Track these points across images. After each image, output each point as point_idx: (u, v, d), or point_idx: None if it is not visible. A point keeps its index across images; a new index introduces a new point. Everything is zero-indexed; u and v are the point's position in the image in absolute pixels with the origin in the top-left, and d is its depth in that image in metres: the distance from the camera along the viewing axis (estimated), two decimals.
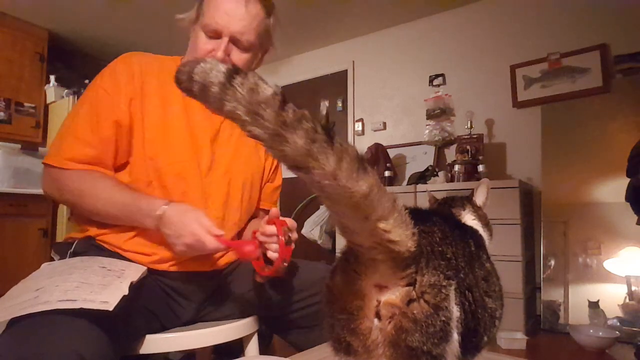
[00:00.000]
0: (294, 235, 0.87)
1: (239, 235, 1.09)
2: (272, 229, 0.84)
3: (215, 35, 0.92)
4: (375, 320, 0.39)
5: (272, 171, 1.15)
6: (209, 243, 0.79)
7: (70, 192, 0.87)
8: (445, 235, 0.44)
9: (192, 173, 0.93)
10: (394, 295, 0.38)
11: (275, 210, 0.86)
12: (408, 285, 0.38)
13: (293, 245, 0.87)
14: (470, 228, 0.55)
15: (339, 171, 0.30)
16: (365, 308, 0.39)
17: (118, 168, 0.92)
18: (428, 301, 0.38)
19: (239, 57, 0.95)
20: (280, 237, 0.82)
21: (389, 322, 0.38)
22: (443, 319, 0.38)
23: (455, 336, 0.40)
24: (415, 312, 0.37)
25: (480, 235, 0.56)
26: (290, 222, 0.86)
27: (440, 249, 0.41)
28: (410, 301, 0.38)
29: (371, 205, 0.33)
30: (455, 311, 0.40)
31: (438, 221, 0.46)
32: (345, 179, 0.31)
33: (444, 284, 0.39)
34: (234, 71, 0.31)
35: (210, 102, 0.32)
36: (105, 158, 0.89)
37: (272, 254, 0.85)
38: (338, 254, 0.45)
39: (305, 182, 0.32)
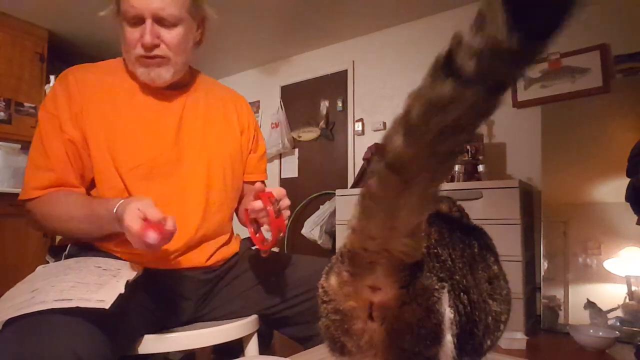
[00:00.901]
0: (285, 203, 0.85)
1: (236, 213, 1.10)
2: (259, 204, 0.83)
3: (138, 20, 0.89)
4: (369, 322, 0.39)
5: (252, 141, 1.14)
6: (133, 228, 0.69)
7: (47, 218, 0.87)
8: (442, 237, 0.44)
9: (159, 171, 0.92)
10: (387, 297, 0.38)
11: (259, 185, 0.85)
12: (402, 287, 0.38)
13: (287, 213, 0.85)
14: (478, 230, 0.54)
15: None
16: (358, 309, 0.39)
17: (92, 184, 0.92)
18: (421, 304, 0.38)
19: (170, 35, 0.91)
20: (269, 208, 0.81)
21: (382, 324, 0.38)
22: (435, 321, 0.38)
23: (449, 338, 0.40)
24: (407, 314, 0.37)
25: (489, 238, 0.55)
26: (276, 191, 0.85)
27: (435, 250, 0.41)
28: (403, 303, 0.38)
29: (406, 217, 0.33)
30: (448, 313, 0.40)
31: (436, 222, 0.46)
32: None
33: (437, 287, 0.39)
34: None
35: None
36: (68, 177, 0.88)
37: (266, 228, 0.85)
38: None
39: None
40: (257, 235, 0.89)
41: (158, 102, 0.98)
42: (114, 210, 0.76)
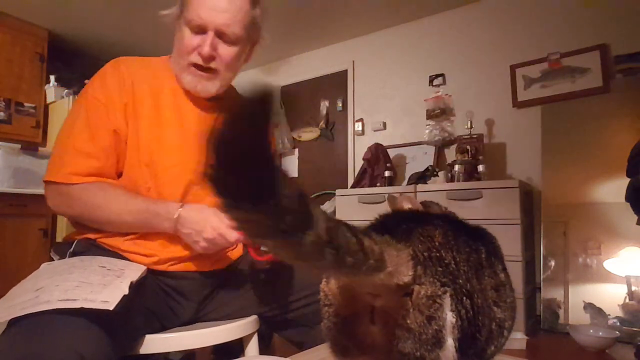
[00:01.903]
0: None
1: None
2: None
3: (200, 30, 0.90)
4: (370, 325, 0.39)
5: None
6: (230, 235, 0.82)
7: (82, 205, 0.86)
8: (447, 240, 0.43)
9: (187, 177, 0.92)
10: (388, 303, 0.38)
11: None
12: (402, 294, 0.38)
13: None
14: (487, 235, 0.53)
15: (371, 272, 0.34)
16: (360, 314, 0.39)
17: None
18: (422, 312, 0.38)
19: (226, 51, 0.93)
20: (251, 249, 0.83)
21: (383, 328, 0.38)
22: (436, 327, 0.38)
23: (450, 342, 0.39)
24: (409, 322, 0.37)
25: (497, 245, 0.54)
26: None
27: (438, 254, 0.41)
28: (404, 311, 0.38)
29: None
30: (450, 317, 0.39)
31: (440, 224, 0.45)
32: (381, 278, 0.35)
33: (440, 292, 0.39)
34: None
35: None
36: (109, 168, 0.89)
37: None
38: None
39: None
40: (254, 245, 0.89)
41: (196, 109, 0.98)
42: (175, 215, 0.84)
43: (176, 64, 0.95)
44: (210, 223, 0.82)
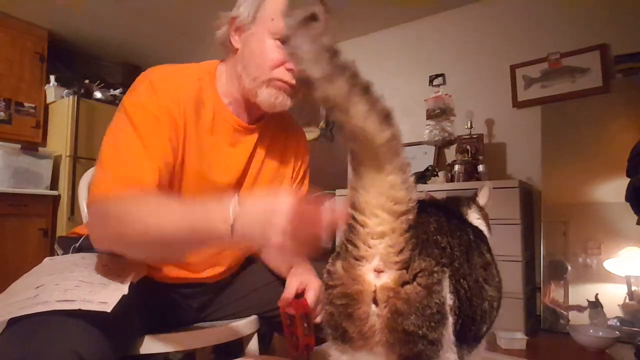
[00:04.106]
0: (316, 318, 0.81)
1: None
2: (291, 311, 0.80)
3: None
4: (373, 306, 0.40)
5: (299, 179, 1.09)
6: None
7: (115, 221, 0.69)
8: (441, 226, 0.45)
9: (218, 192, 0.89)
10: (389, 278, 0.39)
11: (289, 293, 0.83)
12: (402, 269, 0.39)
13: (318, 319, 0.80)
14: (469, 222, 0.56)
15: (369, 116, 0.36)
16: (363, 293, 0.40)
17: None
18: (420, 283, 0.39)
19: None
20: (298, 326, 0.78)
21: (385, 307, 0.39)
22: (437, 301, 0.39)
23: (451, 321, 0.40)
24: (408, 292, 0.39)
25: (479, 229, 0.57)
26: (311, 300, 0.81)
27: (435, 238, 0.42)
28: (404, 283, 0.39)
29: (387, 157, 0.37)
30: (449, 298, 0.41)
31: (434, 212, 0.47)
32: (374, 123, 0.36)
33: (436, 269, 0.40)
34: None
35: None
36: (164, 182, 0.79)
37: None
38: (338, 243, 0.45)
39: (340, 125, 0.38)
40: (292, 337, 0.82)
41: (239, 127, 0.92)
42: (230, 212, 0.59)
43: (251, 78, 0.85)
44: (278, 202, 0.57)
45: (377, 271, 0.40)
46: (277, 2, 0.83)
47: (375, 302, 0.40)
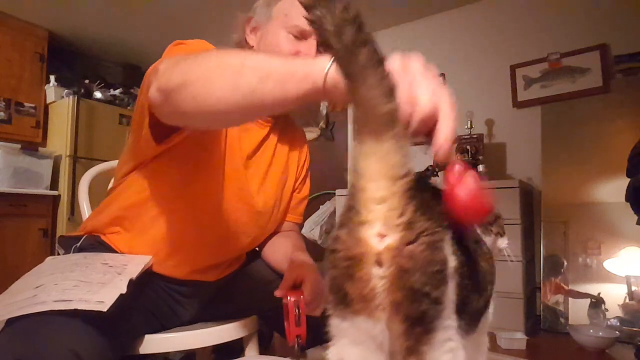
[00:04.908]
0: (315, 311, 0.81)
1: (261, 246, 1.08)
2: (285, 301, 0.80)
3: (302, 36, 0.89)
4: (376, 268, 0.41)
5: (300, 181, 1.13)
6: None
7: (195, 66, 0.59)
8: (435, 197, 0.46)
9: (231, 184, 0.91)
10: (393, 240, 0.40)
11: (286, 283, 0.83)
12: (405, 230, 0.41)
13: (317, 313, 0.81)
14: None
15: (378, 87, 0.39)
16: (366, 255, 0.41)
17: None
18: (424, 242, 0.40)
19: None
20: (290, 316, 0.78)
21: (391, 266, 0.40)
22: (440, 258, 0.40)
23: (452, 285, 0.42)
24: (412, 250, 0.40)
25: None
26: (307, 291, 0.80)
27: (433, 203, 0.44)
28: (408, 243, 0.40)
29: (388, 125, 0.40)
30: (452, 260, 0.42)
31: (427, 185, 0.50)
32: (380, 94, 0.39)
33: (437, 229, 0.42)
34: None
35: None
36: None
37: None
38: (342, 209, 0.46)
39: (350, 92, 0.41)
40: (286, 323, 0.82)
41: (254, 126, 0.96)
42: (325, 71, 0.49)
43: None
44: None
45: (380, 235, 0.41)
46: (296, 4, 0.86)
47: (378, 263, 0.41)
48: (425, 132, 0.47)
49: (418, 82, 0.45)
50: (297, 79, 0.50)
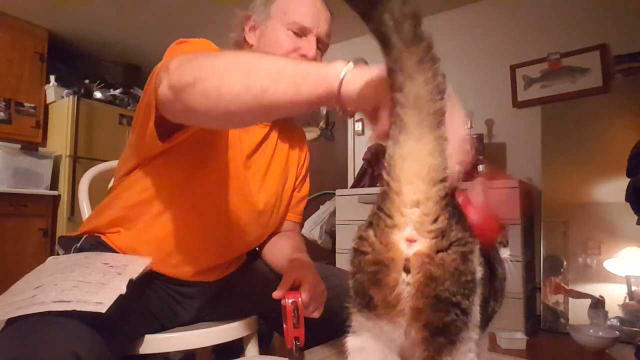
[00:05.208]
0: (313, 313, 0.81)
1: (261, 246, 1.08)
2: (284, 303, 0.80)
3: (302, 33, 0.89)
4: (403, 274, 0.39)
5: (300, 180, 1.13)
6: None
7: (203, 64, 0.59)
8: (457, 208, 0.45)
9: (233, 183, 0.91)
10: (423, 246, 0.39)
11: (284, 285, 0.82)
12: (437, 237, 0.39)
13: (316, 314, 0.81)
14: None
15: (429, 85, 0.40)
16: (395, 260, 0.40)
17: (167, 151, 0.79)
18: (456, 251, 0.39)
19: (319, 58, 0.93)
20: (287, 318, 0.77)
21: (419, 272, 0.39)
22: (471, 269, 0.40)
23: (479, 294, 0.41)
24: (443, 258, 0.39)
25: None
26: (305, 293, 0.79)
27: (463, 217, 0.43)
28: (438, 251, 0.39)
29: (432, 126, 0.39)
30: (479, 271, 0.41)
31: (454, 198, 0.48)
32: (431, 93, 0.40)
33: (470, 240, 0.40)
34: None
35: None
36: None
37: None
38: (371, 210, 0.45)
39: (399, 89, 0.41)
40: (285, 325, 0.80)
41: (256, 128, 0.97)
42: (341, 77, 0.50)
43: None
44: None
45: (409, 240, 0.40)
46: (295, 2, 0.89)
47: (406, 270, 0.39)
48: None
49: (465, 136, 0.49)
50: (310, 81, 0.50)
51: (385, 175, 0.42)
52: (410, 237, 0.40)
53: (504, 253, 0.62)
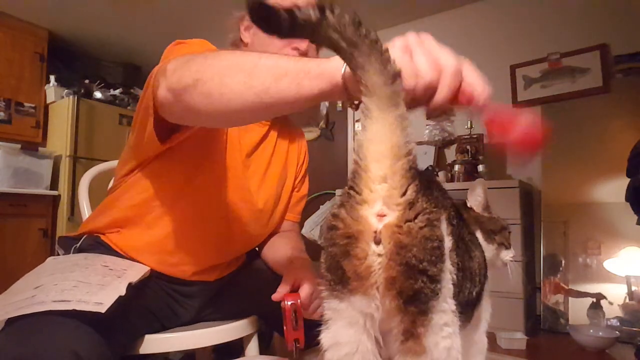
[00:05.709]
0: (313, 314, 0.81)
1: (260, 246, 1.08)
2: (283, 305, 0.80)
3: None
4: (373, 245, 0.41)
5: (300, 180, 1.14)
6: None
7: (203, 65, 0.58)
8: (429, 184, 0.47)
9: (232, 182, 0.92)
10: (393, 218, 0.42)
11: (284, 287, 0.82)
12: (405, 209, 0.42)
13: (316, 315, 0.81)
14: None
15: (381, 72, 0.42)
16: (364, 232, 0.42)
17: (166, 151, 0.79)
18: (422, 220, 0.42)
19: (313, 54, 0.94)
20: (287, 320, 0.77)
21: (389, 242, 0.41)
22: (437, 235, 0.42)
23: (449, 265, 0.43)
24: (411, 227, 0.41)
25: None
26: (304, 294, 0.80)
27: (428, 190, 0.45)
28: (407, 221, 0.41)
29: (390, 107, 0.43)
30: (448, 241, 0.43)
31: (427, 179, 0.49)
32: (384, 79, 0.42)
33: (435, 210, 0.43)
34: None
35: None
36: None
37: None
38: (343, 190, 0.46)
39: (359, 79, 0.43)
40: (285, 328, 0.81)
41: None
42: (342, 71, 0.49)
43: None
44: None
45: (380, 215, 0.42)
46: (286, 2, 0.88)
47: (376, 241, 0.41)
48: (428, 99, 0.48)
49: (416, 54, 0.48)
50: (312, 76, 0.50)
51: (355, 156, 0.44)
52: (380, 212, 0.42)
53: (507, 255, 0.61)
